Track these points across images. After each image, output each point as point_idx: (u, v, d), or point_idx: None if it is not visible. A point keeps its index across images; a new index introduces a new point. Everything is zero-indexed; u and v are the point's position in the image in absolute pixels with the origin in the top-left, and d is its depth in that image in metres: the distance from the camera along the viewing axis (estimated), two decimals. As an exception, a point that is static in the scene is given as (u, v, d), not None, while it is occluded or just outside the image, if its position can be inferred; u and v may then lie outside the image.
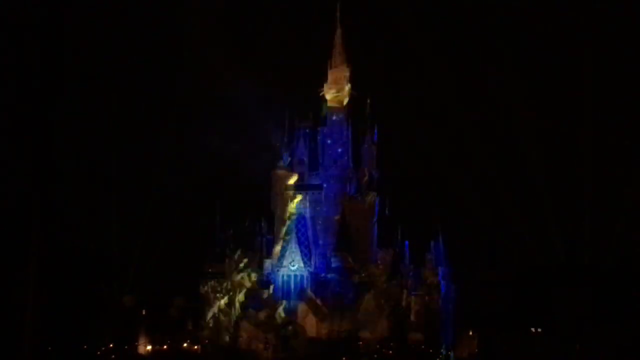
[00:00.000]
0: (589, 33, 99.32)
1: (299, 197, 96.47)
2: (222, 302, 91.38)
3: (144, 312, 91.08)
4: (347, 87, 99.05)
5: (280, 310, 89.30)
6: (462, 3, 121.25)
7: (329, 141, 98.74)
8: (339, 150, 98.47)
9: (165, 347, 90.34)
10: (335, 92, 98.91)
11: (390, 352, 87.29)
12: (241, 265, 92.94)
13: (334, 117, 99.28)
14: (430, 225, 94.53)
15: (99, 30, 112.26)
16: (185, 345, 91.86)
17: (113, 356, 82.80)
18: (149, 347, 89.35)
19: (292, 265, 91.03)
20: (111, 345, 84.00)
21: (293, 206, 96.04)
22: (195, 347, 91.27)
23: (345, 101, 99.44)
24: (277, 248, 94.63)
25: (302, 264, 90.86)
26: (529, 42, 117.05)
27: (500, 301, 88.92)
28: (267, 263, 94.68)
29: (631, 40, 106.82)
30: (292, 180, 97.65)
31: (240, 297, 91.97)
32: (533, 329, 79.42)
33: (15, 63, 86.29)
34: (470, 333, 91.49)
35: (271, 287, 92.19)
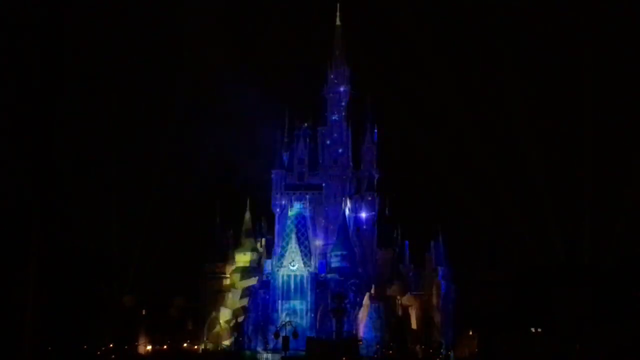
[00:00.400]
0: (589, 33, 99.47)
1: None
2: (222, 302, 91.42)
3: (144, 312, 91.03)
4: (347, 87, 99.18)
5: None
6: (462, 3, 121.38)
7: (328, 141, 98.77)
8: (339, 150, 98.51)
9: (165, 347, 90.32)
10: (335, 92, 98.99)
11: (390, 352, 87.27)
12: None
13: (334, 117, 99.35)
14: (430, 225, 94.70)
15: (99, 30, 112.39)
16: (185, 345, 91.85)
17: (113, 356, 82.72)
18: (149, 347, 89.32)
19: (292, 265, 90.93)
20: (111, 345, 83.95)
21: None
22: (195, 347, 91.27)
23: (345, 101, 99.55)
24: (277, 248, 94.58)
25: (302, 264, 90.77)
26: (529, 42, 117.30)
27: (500, 301, 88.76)
28: (267, 263, 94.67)
29: (631, 40, 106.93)
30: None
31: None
32: (533, 329, 79.25)
33: (15, 63, 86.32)
34: (470, 333, 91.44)
35: None
